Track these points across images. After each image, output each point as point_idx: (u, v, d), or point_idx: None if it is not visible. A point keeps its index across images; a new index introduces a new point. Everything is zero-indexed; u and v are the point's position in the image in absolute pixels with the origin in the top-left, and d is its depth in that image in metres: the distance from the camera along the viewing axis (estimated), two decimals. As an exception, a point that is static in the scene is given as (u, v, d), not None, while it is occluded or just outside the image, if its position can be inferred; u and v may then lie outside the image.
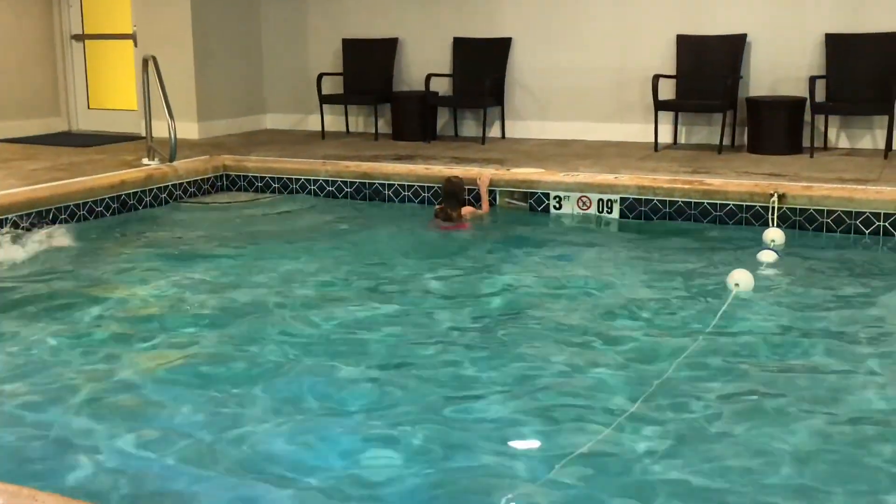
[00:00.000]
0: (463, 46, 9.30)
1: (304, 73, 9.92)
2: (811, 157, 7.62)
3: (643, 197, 6.39)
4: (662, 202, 6.34)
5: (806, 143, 7.85)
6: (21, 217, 6.12)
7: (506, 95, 9.18)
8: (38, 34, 10.04)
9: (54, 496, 2.26)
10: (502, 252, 5.67)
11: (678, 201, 6.30)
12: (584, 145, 8.56)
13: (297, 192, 7.52)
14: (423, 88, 9.13)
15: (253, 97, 10.23)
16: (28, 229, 6.09)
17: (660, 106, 8.20)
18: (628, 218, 6.41)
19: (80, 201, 6.57)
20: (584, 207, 6.54)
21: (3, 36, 9.62)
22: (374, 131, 9.44)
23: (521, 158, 7.77)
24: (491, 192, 6.78)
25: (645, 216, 6.38)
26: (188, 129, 9.13)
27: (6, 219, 6.01)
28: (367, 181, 7.29)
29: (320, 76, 9.44)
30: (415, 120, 9.09)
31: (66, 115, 10.33)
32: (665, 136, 8.49)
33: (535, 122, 9.16)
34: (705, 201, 6.23)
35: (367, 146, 8.74)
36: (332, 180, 7.42)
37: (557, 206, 6.62)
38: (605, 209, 6.48)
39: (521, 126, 9.22)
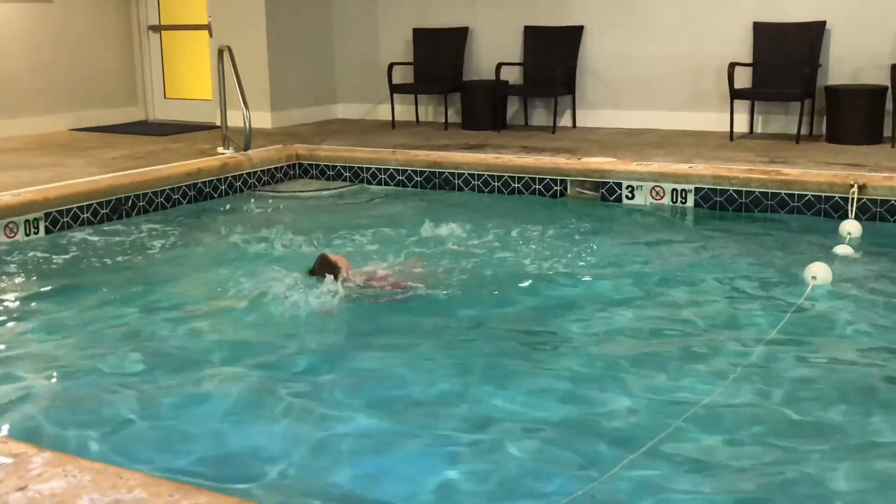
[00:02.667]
0: (534, 35, 9.25)
1: (375, 62, 9.97)
2: (893, 146, 7.41)
3: (718, 187, 6.29)
4: (738, 192, 6.23)
5: (887, 132, 7.64)
6: (101, 204, 6.27)
7: (577, 84, 9.11)
8: (117, 25, 10.26)
9: (139, 474, 2.31)
10: (572, 242, 5.63)
11: (754, 192, 6.19)
12: (657, 134, 8.46)
13: (368, 181, 7.57)
14: (493, 77, 9.11)
15: (324, 87, 10.32)
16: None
17: (735, 94, 8.05)
18: (703, 208, 6.31)
19: (158, 189, 6.70)
20: (658, 198, 6.46)
21: (83, 27, 9.85)
22: (443, 120, 9.45)
23: (592, 147, 7.71)
24: (562, 182, 6.74)
25: (720, 206, 6.28)
26: (262, 119, 9.25)
27: (88, 205, 6.17)
28: (437, 170, 7.30)
29: (391, 66, 9.47)
30: (485, 109, 9.07)
31: (144, 104, 10.55)
32: (740, 126, 8.34)
33: (607, 111, 9.08)
34: (782, 192, 6.10)
35: (436, 135, 8.75)
36: (402, 169, 7.45)
37: (630, 196, 6.55)
38: (679, 199, 6.39)
39: (593, 115, 9.14)
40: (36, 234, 5.83)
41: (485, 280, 4.89)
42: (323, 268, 4.69)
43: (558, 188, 6.81)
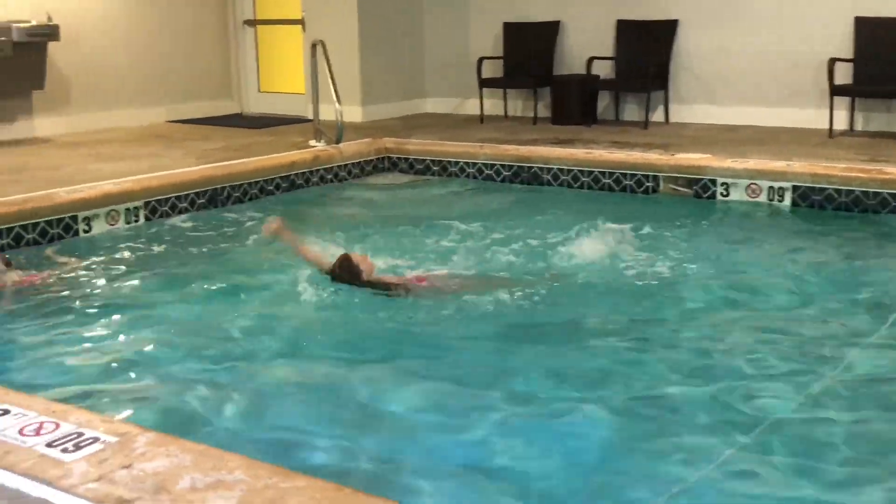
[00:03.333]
0: (627, 29, 9.13)
1: (465, 57, 9.97)
2: None
3: (817, 185, 6.11)
4: (838, 191, 6.05)
5: None
6: (198, 194, 6.42)
7: (671, 79, 8.96)
8: (213, 20, 10.48)
9: (239, 456, 2.35)
10: (665, 239, 5.54)
11: (855, 191, 5.99)
12: (754, 131, 8.26)
13: (456, 175, 7.57)
14: (584, 72, 9.03)
15: (414, 81, 10.38)
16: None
17: (836, 91, 7.82)
18: (800, 207, 6.15)
19: (252, 180, 6.82)
20: (754, 195, 6.31)
21: (181, 22, 10.09)
22: (532, 115, 9.40)
23: (686, 143, 7.58)
24: (654, 179, 6.64)
25: (818, 205, 6.10)
26: (352, 113, 9.35)
27: (186, 195, 6.32)
28: (525, 165, 7.27)
29: (480, 60, 9.47)
30: (575, 104, 9.00)
31: (238, 97, 10.76)
32: (840, 123, 8.09)
33: (701, 107, 8.91)
34: (884, 191, 5.89)
35: (525, 130, 8.72)
36: (490, 163, 7.44)
37: (725, 193, 6.41)
38: (776, 197, 6.23)
39: (686, 110, 8.98)
40: (136, 222, 6.00)
41: (571, 279, 4.84)
42: (343, 270, 4.36)
43: (650, 184, 6.71)
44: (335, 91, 7.55)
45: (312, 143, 7.86)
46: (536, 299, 4.44)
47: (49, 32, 8.48)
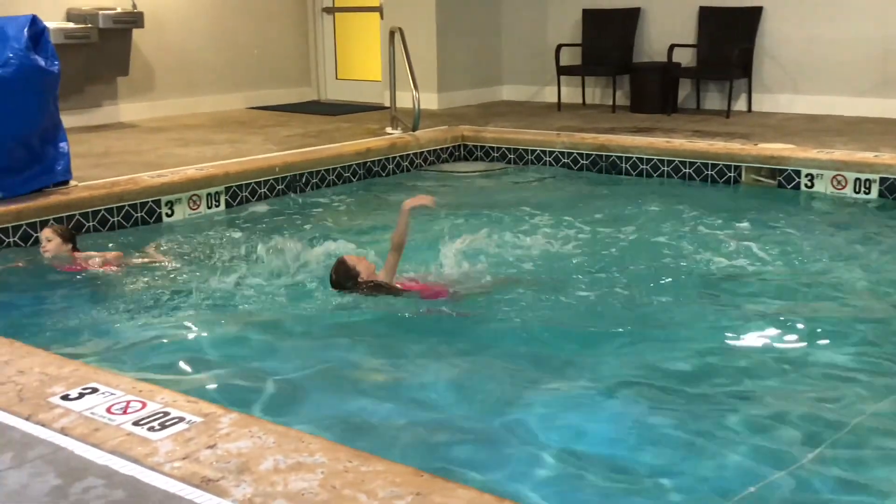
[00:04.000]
0: (709, 16, 8.95)
1: (543, 44, 9.89)
2: None
3: (907, 177, 5.93)
4: (929, 183, 5.85)
5: None
6: (277, 180, 6.49)
7: (754, 67, 8.76)
8: (293, 7, 10.58)
9: (319, 439, 2.37)
10: (747, 230, 5.42)
11: (948, 183, 5.79)
12: (840, 121, 8.03)
13: (533, 163, 7.53)
14: (664, 59, 8.88)
15: (491, 68, 10.33)
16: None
17: (928, 79, 7.55)
18: (888, 199, 5.96)
19: (330, 167, 6.88)
20: (839, 187, 6.14)
21: (262, 10, 10.21)
22: (611, 103, 9.29)
23: (769, 133, 7.40)
24: (736, 169, 6.50)
25: (908, 198, 5.92)
26: (428, 100, 9.35)
27: (265, 180, 6.40)
28: (603, 153, 7.19)
29: (559, 47, 9.38)
30: (655, 92, 8.86)
31: (316, 84, 10.86)
32: (932, 113, 7.82)
33: (785, 96, 8.69)
34: (980, 184, 5.69)
35: (603, 118, 8.61)
36: (567, 152, 7.38)
37: (809, 184, 6.25)
38: (863, 189, 6.05)
39: (770, 99, 8.77)
40: (217, 206, 6.10)
41: (643, 268, 4.76)
42: (340, 274, 4.19)
43: (732, 174, 6.57)
44: (413, 78, 7.55)
45: (389, 130, 7.89)
46: (563, 299, 4.39)
47: (134, 20, 8.66)
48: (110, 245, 5.20)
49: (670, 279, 4.60)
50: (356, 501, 2.07)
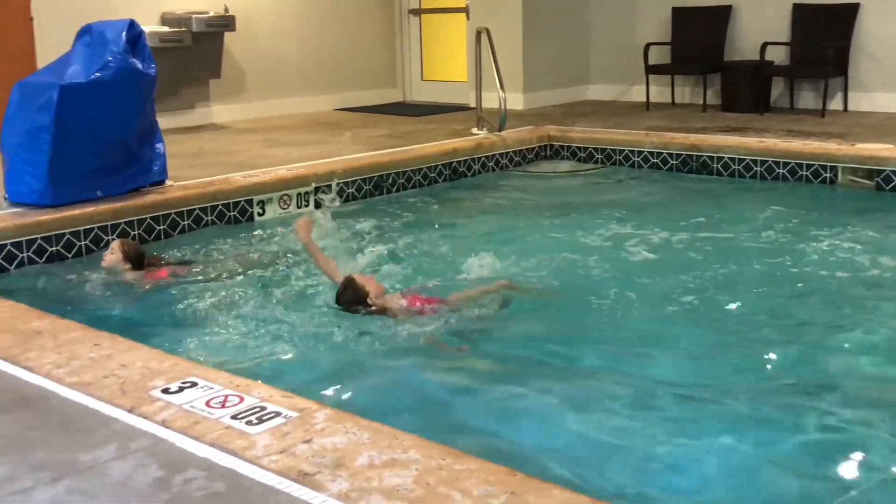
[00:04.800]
0: (803, 13, 8.72)
1: (631, 43, 9.77)
2: None
3: None
4: None
5: None
6: (365, 180, 6.55)
7: (850, 65, 8.50)
8: (380, 10, 10.66)
9: (413, 436, 2.38)
10: (844, 233, 5.26)
11: None
12: (941, 120, 7.76)
13: (621, 163, 7.44)
14: (756, 58, 8.68)
15: (577, 68, 10.25)
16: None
17: None
18: None
19: (416, 167, 6.91)
20: (943, 188, 5.92)
21: (349, 13, 10.31)
22: (701, 102, 9.12)
23: (866, 133, 7.17)
24: (832, 169, 6.32)
25: None
26: (514, 100, 9.30)
27: (353, 181, 6.46)
28: (694, 154, 7.06)
29: (647, 46, 9.25)
30: (747, 91, 8.68)
31: (402, 86, 10.93)
32: None
33: (883, 94, 8.42)
34: None
35: (693, 118, 8.46)
36: (657, 152, 7.27)
37: (910, 185, 6.05)
38: (969, 190, 5.83)
39: (867, 98, 8.50)
40: (307, 206, 6.17)
41: (735, 274, 4.64)
42: (348, 292, 4.03)
43: (828, 175, 6.39)
44: (499, 78, 7.54)
45: (474, 130, 7.89)
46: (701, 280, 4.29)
47: (226, 23, 8.84)
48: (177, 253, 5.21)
49: (764, 285, 4.49)
50: (450, 499, 2.07)
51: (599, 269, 4.78)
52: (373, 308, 3.98)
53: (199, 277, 4.75)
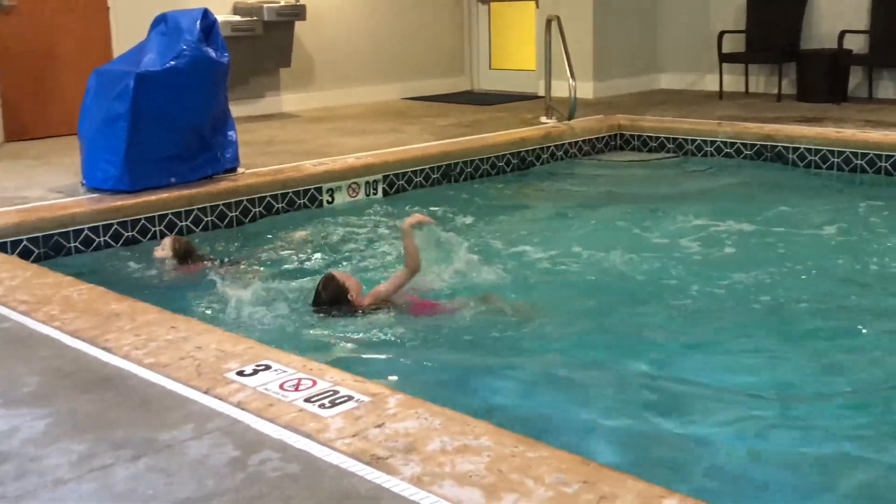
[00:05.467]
0: (883, 0, 8.47)
1: (704, 31, 9.60)
2: None
3: None
4: None
5: None
6: (433, 169, 6.55)
7: (933, 53, 8.25)
8: (449, -1, 10.65)
9: (484, 423, 2.37)
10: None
11: None
12: None
13: (693, 153, 7.33)
14: (833, 46, 8.47)
15: (648, 56, 10.11)
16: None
17: None
18: None
19: (484, 156, 6.89)
20: None
21: (420, 1, 10.30)
22: (776, 92, 8.92)
23: (950, 123, 6.96)
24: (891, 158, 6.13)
25: None
26: (584, 89, 9.20)
27: (421, 169, 6.47)
28: (768, 144, 6.92)
29: (721, 34, 9.08)
30: (823, 80, 8.46)
31: (470, 74, 10.90)
32: None
33: (968, 83, 8.16)
34: None
35: (768, 107, 8.29)
36: (730, 142, 7.14)
37: None
38: None
39: (950, 87, 8.25)
40: (375, 195, 6.21)
41: (809, 269, 4.52)
42: (328, 290, 3.91)
43: (909, 165, 6.21)
44: (569, 67, 7.47)
45: (543, 119, 7.83)
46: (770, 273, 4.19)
47: (296, 12, 8.90)
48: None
49: (840, 282, 4.37)
50: (523, 486, 2.06)
51: (666, 259, 4.71)
52: (354, 308, 3.87)
53: (258, 268, 4.77)
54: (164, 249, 4.78)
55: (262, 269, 4.72)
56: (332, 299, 3.91)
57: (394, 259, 4.82)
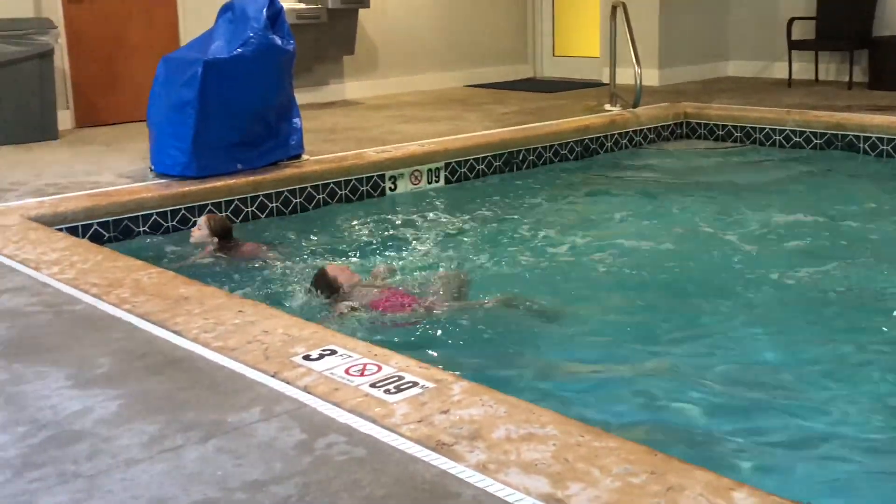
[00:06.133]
0: (962, -17, 8.23)
1: (773, 17, 9.41)
2: None
3: None
4: None
5: None
6: (495, 157, 6.53)
7: None
8: (512, -15, 10.59)
9: (550, 412, 2.36)
10: None
11: None
12: None
13: (761, 142, 7.19)
14: (908, 32, 8.25)
15: (715, 43, 9.95)
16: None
17: None
18: None
19: (547, 144, 6.84)
20: None
21: (482, -13, 10.28)
22: (847, 79, 8.71)
23: None
24: None
25: None
26: (649, 76, 9.10)
27: (483, 157, 6.45)
28: (839, 133, 6.77)
29: (791, 20, 8.89)
30: (897, 67, 8.25)
31: (532, 62, 10.84)
32: None
33: None
34: None
35: (838, 95, 8.10)
36: (799, 130, 7.00)
37: None
38: None
39: None
40: (437, 182, 6.21)
41: (878, 267, 4.39)
42: (320, 285, 3.87)
43: None
44: (635, 54, 7.38)
45: (608, 106, 7.76)
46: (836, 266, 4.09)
47: (361, 0, 8.93)
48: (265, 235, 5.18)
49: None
50: (590, 475, 2.04)
51: (733, 251, 4.63)
52: (344, 301, 3.79)
53: (319, 251, 4.81)
54: (200, 230, 4.75)
55: (306, 254, 4.73)
56: (326, 294, 3.87)
57: (451, 246, 4.83)
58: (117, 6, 7.78)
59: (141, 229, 4.98)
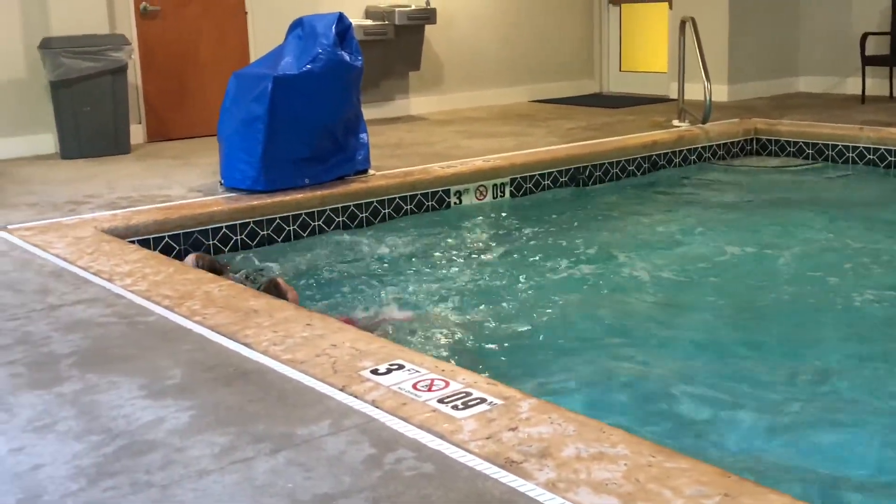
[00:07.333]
0: None
1: (845, 32, 9.22)
2: None
3: None
4: None
5: None
6: (561, 172, 6.50)
7: None
8: (579, 0, 10.53)
9: (620, 431, 2.32)
10: None
11: None
12: None
13: (834, 159, 7.04)
14: None
15: (785, 59, 9.78)
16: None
17: None
18: None
19: (614, 160, 6.79)
20: None
21: (549, 3, 10.24)
22: (923, 96, 8.51)
23: None
24: None
25: None
26: (718, 92, 8.97)
27: (549, 172, 6.43)
28: (915, 150, 6.60)
29: (864, 36, 8.70)
30: (977, 82, 8.02)
31: (599, 77, 10.78)
32: None
33: None
34: None
35: (914, 112, 7.91)
36: (873, 148, 6.83)
37: None
38: None
39: None
40: (502, 197, 6.20)
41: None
42: (270, 293, 3.80)
43: None
44: (704, 69, 7.29)
45: (675, 122, 7.67)
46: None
47: (427, 16, 8.99)
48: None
49: None
50: (661, 497, 2.00)
51: (805, 271, 4.53)
52: None
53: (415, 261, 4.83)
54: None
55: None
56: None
57: (517, 260, 4.80)
58: (189, 23, 7.94)
59: (210, 242, 5.06)
